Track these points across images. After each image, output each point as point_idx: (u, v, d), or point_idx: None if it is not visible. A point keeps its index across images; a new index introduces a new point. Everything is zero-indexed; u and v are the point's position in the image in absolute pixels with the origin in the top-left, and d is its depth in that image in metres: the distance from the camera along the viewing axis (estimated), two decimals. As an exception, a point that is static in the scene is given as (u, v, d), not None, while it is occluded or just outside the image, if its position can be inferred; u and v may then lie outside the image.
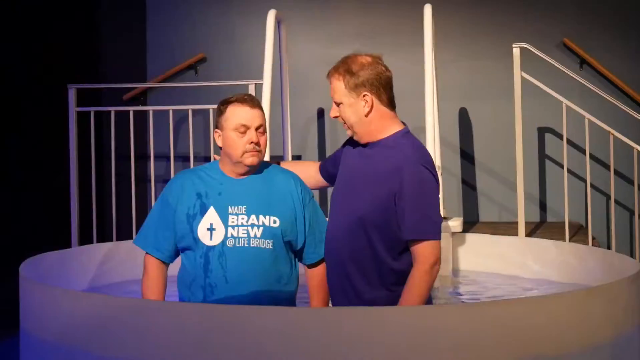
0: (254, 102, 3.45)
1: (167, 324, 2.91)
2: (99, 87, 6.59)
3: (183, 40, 7.31)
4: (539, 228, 6.54)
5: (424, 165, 3.38)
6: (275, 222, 3.41)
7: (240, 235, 3.39)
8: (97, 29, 7.00)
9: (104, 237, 6.41)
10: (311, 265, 3.57)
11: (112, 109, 6.12)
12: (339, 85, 3.45)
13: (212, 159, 5.42)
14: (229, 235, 3.39)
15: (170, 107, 6.08)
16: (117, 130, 6.20)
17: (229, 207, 3.43)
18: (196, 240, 3.43)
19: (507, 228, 6.37)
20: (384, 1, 7.19)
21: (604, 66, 6.83)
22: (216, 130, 3.50)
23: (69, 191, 6.08)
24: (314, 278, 3.59)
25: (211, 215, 3.42)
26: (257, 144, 3.40)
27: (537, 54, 5.68)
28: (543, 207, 7.01)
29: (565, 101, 5.64)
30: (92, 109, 6.07)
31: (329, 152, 7.15)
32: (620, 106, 5.74)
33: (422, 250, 3.29)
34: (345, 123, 3.49)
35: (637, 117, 5.77)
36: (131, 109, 6.16)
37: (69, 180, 6.08)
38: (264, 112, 3.52)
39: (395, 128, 3.50)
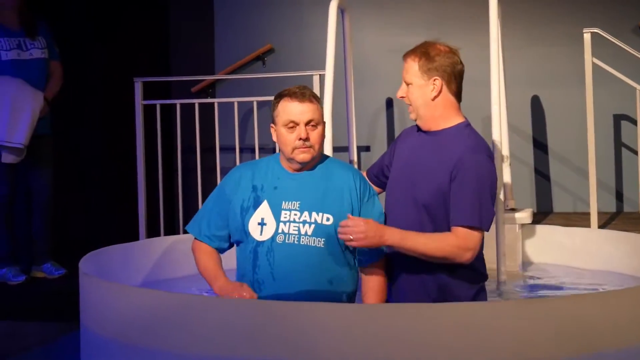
0: (305, 95, 3.38)
1: (220, 320, 2.89)
2: (164, 79, 6.60)
3: (250, 32, 7.29)
4: (615, 219, 6.36)
5: (488, 155, 3.46)
6: (328, 219, 3.33)
7: (291, 231, 3.33)
8: (165, 21, 7.03)
9: (172, 228, 6.44)
10: (364, 269, 3.45)
11: (178, 101, 6.14)
12: (413, 66, 3.59)
13: (277, 150, 5.40)
14: (279, 231, 3.34)
15: (235, 99, 6.07)
16: (184, 123, 6.21)
17: (283, 202, 3.38)
18: (247, 234, 3.40)
19: (581, 219, 6.20)
20: (450, -12, 7.07)
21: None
22: (272, 125, 3.46)
23: (136, 184, 6.11)
24: (366, 282, 3.47)
25: (264, 210, 3.37)
26: (307, 139, 3.33)
27: (606, 37, 5.51)
28: (619, 196, 6.81)
29: (639, 87, 5.45)
30: (158, 102, 6.10)
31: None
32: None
33: (467, 235, 3.33)
34: (411, 105, 3.57)
35: None
36: (196, 101, 6.17)
37: (136, 173, 6.11)
38: (319, 105, 3.43)
39: (457, 119, 3.60)
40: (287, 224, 3.34)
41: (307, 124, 3.36)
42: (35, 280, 5.73)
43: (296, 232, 3.33)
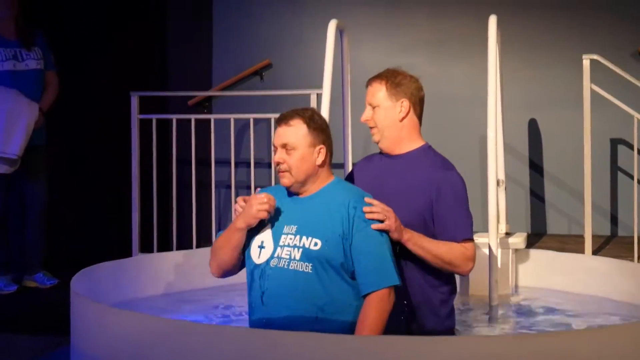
0: (287, 118, 3.37)
1: (210, 346, 2.88)
2: (161, 94, 6.60)
3: (249, 46, 7.28)
4: (609, 243, 6.35)
5: (456, 170, 3.69)
6: (316, 244, 3.27)
7: (284, 256, 3.31)
8: (163, 35, 7.02)
9: (166, 242, 6.42)
10: (364, 297, 3.29)
11: (174, 116, 6.14)
12: (380, 89, 3.74)
13: (273, 166, 5.39)
14: (275, 255, 3.32)
15: (232, 116, 6.07)
16: (180, 137, 6.20)
17: (285, 226, 3.36)
18: (248, 256, 3.39)
19: (575, 242, 6.20)
20: (449, 10, 7.06)
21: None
22: None
23: (131, 197, 6.11)
24: (361, 313, 3.27)
25: (265, 233, 3.36)
26: (278, 164, 3.34)
27: (604, 64, 5.52)
28: (614, 220, 6.80)
29: (637, 115, 5.46)
30: (155, 117, 6.10)
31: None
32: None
33: (470, 247, 3.53)
34: (375, 127, 3.67)
35: None
36: (193, 116, 6.18)
37: (131, 186, 6.11)
38: (307, 128, 3.37)
39: (420, 142, 3.78)
40: (283, 248, 3.32)
41: (283, 147, 3.36)
42: (27, 290, 5.73)
43: (287, 257, 3.30)
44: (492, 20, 4.94)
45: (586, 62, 5.47)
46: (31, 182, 5.77)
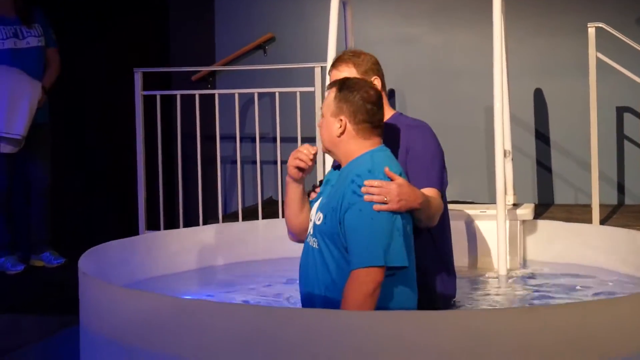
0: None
1: (220, 324, 2.87)
2: (164, 70, 6.58)
3: (252, 20, 7.23)
4: (616, 212, 6.33)
5: (427, 128, 3.72)
6: (319, 219, 3.20)
7: (310, 230, 3.30)
8: (165, 11, 6.98)
9: (172, 218, 6.42)
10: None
11: (178, 92, 6.12)
12: (355, 71, 3.62)
13: (278, 140, 5.38)
14: (309, 229, 3.31)
15: (236, 91, 6.04)
16: (185, 113, 6.18)
17: (321, 197, 3.33)
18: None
19: (582, 212, 6.18)
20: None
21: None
22: None
23: (136, 173, 6.09)
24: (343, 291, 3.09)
25: (314, 207, 3.33)
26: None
27: (610, 32, 5.48)
28: (621, 189, 6.78)
29: (641, 82, 5.44)
30: (158, 93, 6.08)
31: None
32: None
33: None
34: None
35: None
36: (197, 92, 6.15)
37: (136, 163, 6.09)
38: (335, 92, 3.26)
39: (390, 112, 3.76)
40: (312, 222, 3.29)
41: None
42: (34, 270, 5.73)
43: (310, 232, 3.29)
44: (497, -11, 4.90)
45: (591, 30, 5.43)
46: (34, 161, 5.75)
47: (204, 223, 6.05)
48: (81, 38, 6.68)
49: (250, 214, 6.22)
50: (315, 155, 3.28)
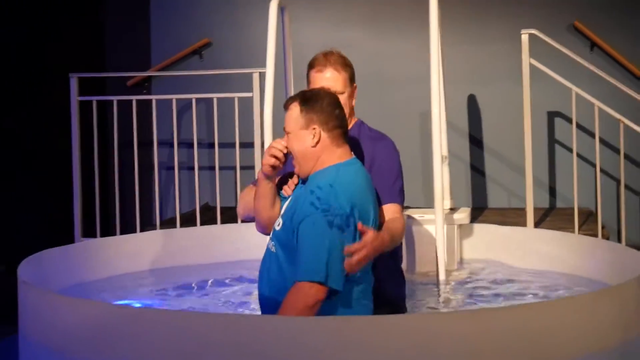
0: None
1: (164, 332, 2.87)
2: (100, 75, 6.53)
3: (187, 25, 7.22)
4: (549, 214, 6.46)
5: (390, 142, 3.82)
6: (279, 224, 3.23)
7: (271, 234, 3.33)
8: (100, 16, 6.93)
9: (108, 225, 6.37)
10: None
11: (115, 98, 6.08)
12: (344, 77, 3.70)
13: (216, 146, 5.38)
14: (271, 233, 3.33)
15: (174, 96, 6.03)
16: (121, 118, 6.14)
17: (285, 205, 3.35)
18: None
19: (516, 215, 6.29)
20: (392, -16, 7.10)
21: (615, 49, 6.72)
22: None
23: (72, 180, 6.04)
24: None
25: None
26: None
27: (542, 38, 5.60)
28: (552, 192, 6.93)
29: (574, 88, 5.57)
30: (95, 98, 6.03)
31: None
32: (630, 93, 5.65)
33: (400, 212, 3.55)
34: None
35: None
36: (134, 97, 6.12)
37: (72, 170, 6.04)
38: (298, 108, 3.27)
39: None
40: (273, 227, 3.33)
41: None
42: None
43: (270, 235, 3.32)
44: (433, -3, 4.97)
45: (524, 37, 5.54)
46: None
47: (141, 230, 6.01)
48: (14, 43, 6.59)
49: (187, 221, 6.20)
50: (287, 148, 3.27)
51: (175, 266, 4.78)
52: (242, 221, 4.27)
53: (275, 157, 3.26)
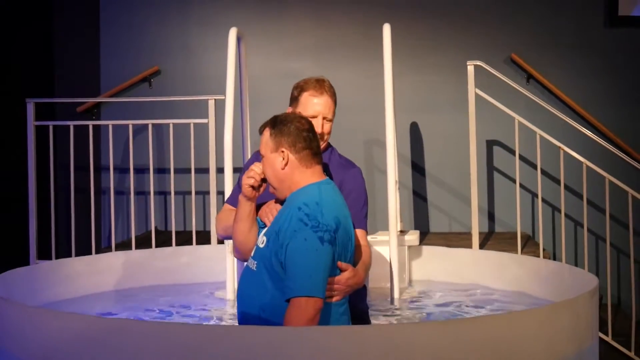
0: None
1: (146, 344, 2.99)
2: (57, 101, 6.60)
3: (137, 53, 7.34)
4: (489, 238, 6.72)
5: (358, 169, 3.93)
6: (263, 242, 3.30)
7: (252, 253, 3.42)
8: (50, 41, 7.01)
9: (60, 249, 6.43)
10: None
11: (72, 123, 6.14)
12: (334, 107, 3.90)
13: (172, 171, 5.52)
14: (252, 253, 3.42)
15: (130, 122, 6.13)
16: (65, 143, 6.18)
17: (267, 227, 3.45)
18: None
19: (458, 239, 6.54)
20: (339, 16, 7.31)
21: (550, 81, 7.05)
22: None
23: (28, 205, 6.09)
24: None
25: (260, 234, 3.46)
26: None
27: (487, 69, 5.86)
28: (492, 217, 7.19)
29: (517, 117, 5.83)
30: (51, 123, 6.10)
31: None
32: (567, 120, 5.94)
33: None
34: (324, 137, 3.81)
35: (586, 133, 5.97)
36: (90, 123, 6.21)
37: (28, 194, 6.09)
38: (263, 137, 3.44)
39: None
40: (255, 246, 3.41)
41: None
42: None
43: (252, 254, 3.39)
44: (387, 29, 5.21)
45: (470, 68, 5.79)
46: None
47: (96, 252, 6.09)
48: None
49: (140, 244, 6.28)
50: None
51: (155, 285, 4.99)
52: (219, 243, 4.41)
53: (253, 177, 3.40)
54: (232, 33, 5.29)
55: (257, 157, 3.92)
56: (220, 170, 5.77)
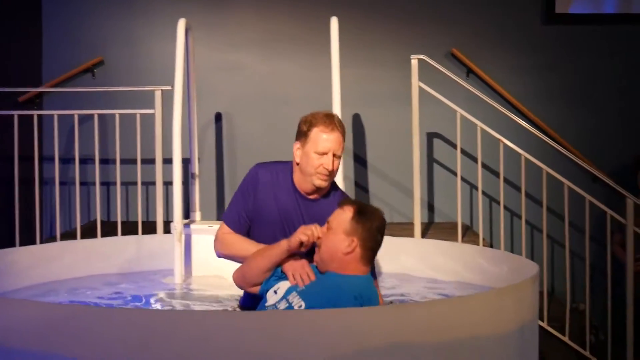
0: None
1: (102, 329, 3.04)
2: (5, 90, 6.55)
3: (80, 43, 7.32)
4: (429, 228, 6.87)
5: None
6: (300, 306, 3.59)
7: (282, 307, 3.73)
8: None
9: (3, 240, 6.39)
10: None
11: (15, 112, 6.11)
12: (344, 143, 3.98)
13: (117, 162, 5.52)
14: (279, 304, 3.69)
15: (76, 112, 6.12)
16: (10, 133, 6.16)
17: (298, 288, 3.75)
18: (265, 289, 3.80)
19: (399, 229, 6.65)
20: (284, 9, 7.38)
21: (490, 76, 7.22)
22: None
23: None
24: None
25: (285, 283, 3.81)
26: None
27: (431, 63, 5.99)
28: (431, 208, 7.35)
29: (459, 110, 5.96)
30: (-4, 113, 6.08)
31: (226, 155, 7.28)
32: (507, 114, 6.10)
33: None
34: (333, 175, 3.93)
35: (524, 126, 6.13)
36: (35, 113, 6.19)
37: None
38: (342, 213, 3.67)
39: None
40: (286, 300, 3.65)
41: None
42: None
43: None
44: (334, 22, 5.31)
45: (414, 62, 5.90)
46: None
47: (40, 243, 6.09)
48: None
49: (85, 234, 6.28)
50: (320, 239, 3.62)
51: (102, 274, 5.04)
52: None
53: (309, 238, 3.60)
54: (181, 24, 5.35)
55: (257, 173, 4.01)
56: (166, 161, 5.84)
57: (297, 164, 3.97)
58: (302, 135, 3.99)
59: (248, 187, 4.02)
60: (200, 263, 5.29)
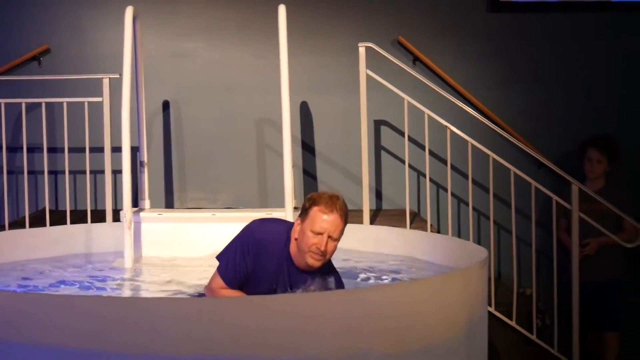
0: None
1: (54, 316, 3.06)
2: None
3: (26, 31, 7.24)
4: (377, 215, 6.93)
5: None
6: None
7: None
8: None
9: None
10: None
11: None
12: (341, 225, 4.01)
13: (66, 150, 5.50)
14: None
15: (23, 100, 6.08)
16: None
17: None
18: None
19: (349, 216, 6.70)
20: (232, -3, 7.39)
21: (435, 64, 7.29)
22: None
23: None
24: None
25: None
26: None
27: (378, 51, 6.04)
28: (379, 195, 7.40)
29: (407, 98, 6.02)
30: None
31: (174, 144, 7.26)
32: (453, 100, 6.17)
33: None
34: (325, 255, 3.97)
35: (471, 112, 6.22)
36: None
37: None
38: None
39: None
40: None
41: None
42: None
43: None
44: (282, 10, 5.34)
45: (362, 49, 5.95)
46: None
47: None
48: None
49: (34, 223, 6.24)
50: None
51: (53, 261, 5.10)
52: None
53: None
54: (129, 12, 5.34)
55: (258, 234, 4.08)
56: (115, 149, 5.82)
57: (295, 239, 4.01)
58: (303, 211, 4.03)
59: (249, 246, 4.04)
60: (150, 250, 5.31)
